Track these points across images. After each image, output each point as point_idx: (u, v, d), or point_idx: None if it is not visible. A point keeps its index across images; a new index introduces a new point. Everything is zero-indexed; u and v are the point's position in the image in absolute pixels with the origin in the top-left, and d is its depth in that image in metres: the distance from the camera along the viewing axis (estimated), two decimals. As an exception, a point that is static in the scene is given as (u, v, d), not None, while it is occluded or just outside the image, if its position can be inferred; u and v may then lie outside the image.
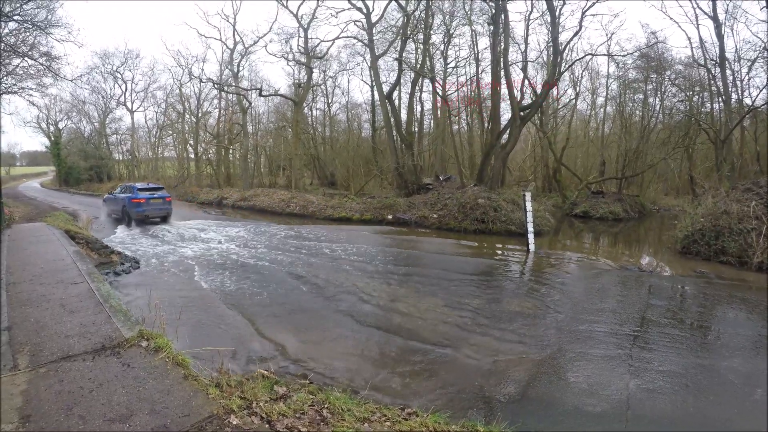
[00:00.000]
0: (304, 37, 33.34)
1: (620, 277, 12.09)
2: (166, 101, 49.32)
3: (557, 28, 23.11)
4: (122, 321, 5.73)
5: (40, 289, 7.06)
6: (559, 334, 7.77)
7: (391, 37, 29.94)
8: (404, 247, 16.16)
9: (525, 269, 13.30)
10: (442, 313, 8.82)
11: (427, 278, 11.58)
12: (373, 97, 35.41)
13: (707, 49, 25.68)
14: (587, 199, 26.47)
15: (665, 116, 30.21)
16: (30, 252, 10.28)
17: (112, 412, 3.71)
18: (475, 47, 31.35)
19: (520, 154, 37.83)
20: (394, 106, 28.71)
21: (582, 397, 5.66)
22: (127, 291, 9.80)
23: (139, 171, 54.38)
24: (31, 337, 5.21)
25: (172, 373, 4.43)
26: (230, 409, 3.90)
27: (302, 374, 6.03)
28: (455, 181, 27.47)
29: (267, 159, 45.30)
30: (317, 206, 25.91)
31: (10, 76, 24.81)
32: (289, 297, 9.77)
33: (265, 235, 18.32)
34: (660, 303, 9.69)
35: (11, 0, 19.70)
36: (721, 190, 16.47)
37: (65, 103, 52.38)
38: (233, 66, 38.36)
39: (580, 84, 34.36)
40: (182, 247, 15.27)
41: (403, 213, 22.19)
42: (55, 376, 4.30)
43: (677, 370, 6.38)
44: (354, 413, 4.25)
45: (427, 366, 6.48)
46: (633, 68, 29.49)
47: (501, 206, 19.89)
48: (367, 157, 37.10)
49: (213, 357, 5.47)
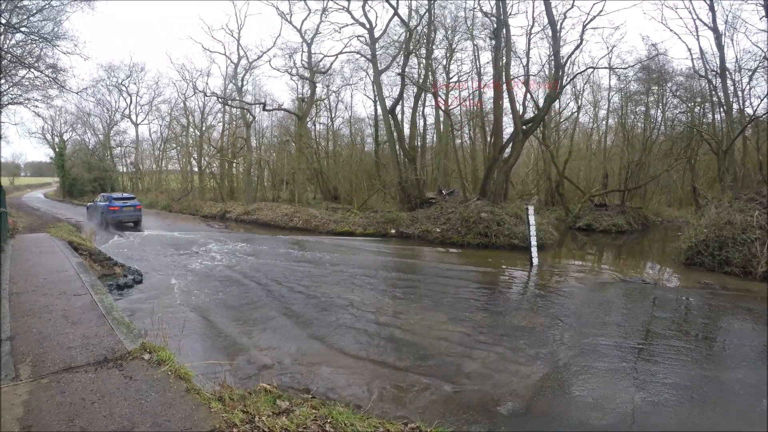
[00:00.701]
0: (307, 52, 33.61)
1: (624, 290, 12.03)
2: (171, 114, 49.72)
3: (558, 41, 23.20)
4: (125, 333, 5.72)
5: (42, 300, 7.06)
6: (563, 347, 7.73)
7: (393, 52, 30.18)
8: (406, 261, 16.15)
9: (528, 283, 13.25)
10: (444, 328, 8.78)
11: (429, 292, 11.56)
12: (376, 111, 35.62)
13: (708, 60, 25.75)
14: (590, 212, 26.40)
15: (667, 128, 30.25)
16: (33, 262, 10.29)
17: (114, 425, 3.69)
18: (478, 61, 31.57)
19: (523, 167, 37.87)
20: (396, 120, 28.81)
21: (587, 410, 5.61)
22: (129, 303, 9.81)
23: (143, 183, 54.60)
24: (33, 347, 5.19)
25: (175, 386, 4.41)
26: (232, 423, 3.88)
27: (305, 388, 6.01)
28: (458, 195, 27.48)
29: (270, 173, 45.38)
30: (320, 220, 25.89)
31: (16, 87, 25.02)
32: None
33: (267, 247, 18.32)
34: (665, 315, 9.64)
35: (18, 12, 19.93)
36: (724, 201, 16.46)
37: (70, 115, 52.96)
38: (237, 80, 38.59)
39: (582, 97, 34.51)
40: (186, 260, 15.28)
41: (406, 227, 22.18)
42: (56, 387, 4.28)
43: (682, 383, 6.33)
44: (357, 428, 4.21)
45: (429, 380, 6.44)
46: (634, 80, 29.59)
47: (504, 220, 19.85)
48: (370, 171, 37.14)
49: (216, 370, 5.46)
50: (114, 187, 55.44)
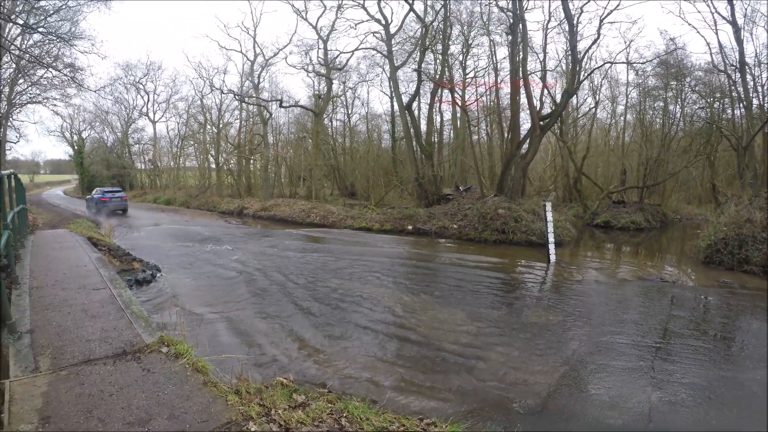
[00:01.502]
0: (323, 49, 33.60)
1: (642, 288, 11.92)
2: (188, 112, 49.98)
3: (575, 36, 22.96)
4: (143, 327, 5.77)
5: (62, 294, 7.14)
6: (580, 345, 7.68)
7: (409, 47, 30.01)
8: (423, 258, 16.13)
9: (546, 280, 13.17)
10: (461, 324, 8.77)
11: (447, 289, 11.55)
12: (393, 107, 35.45)
13: (727, 55, 25.23)
14: (608, 208, 26.08)
15: (686, 124, 29.77)
16: (53, 258, 10.42)
17: (132, 416, 3.73)
18: (494, 57, 31.27)
19: (540, 163, 37.51)
20: (413, 116, 28.71)
21: (603, 409, 5.57)
22: (148, 298, 9.93)
23: (161, 180, 55.05)
24: (52, 340, 5.26)
25: (192, 379, 4.45)
26: (249, 415, 3.90)
27: (321, 383, 6.04)
28: (475, 191, 27.34)
29: (287, 169, 45.48)
30: (337, 216, 25.95)
31: (35, 86, 25.41)
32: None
33: (283, 242, 18.42)
34: (683, 314, 9.54)
35: (36, 13, 20.18)
36: (744, 198, 16.19)
37: (88, 113, 53.43)
38: (254, 77, 38.71)
39: (599, 92, 34.09)
40: (204, 255, 15.43)
41: (423, 224, 22.13)
42: (75, 379, 4.33)
43: (700, 383, 6.26)
44: (373, 422, 4.22)
45: (445, 376, 6.44)
46: (652, 75, 29.17)
47: (521, 217, 19.73)
48: (387, 167, 37.08)
49: (233, 364, 5.50)
50: (132, 183, 56.07)
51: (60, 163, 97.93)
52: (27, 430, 3.48)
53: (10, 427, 3.50)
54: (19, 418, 3.64)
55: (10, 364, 4.65)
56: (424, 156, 27.85)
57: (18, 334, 5.34)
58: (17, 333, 5.35)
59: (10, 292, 6.92)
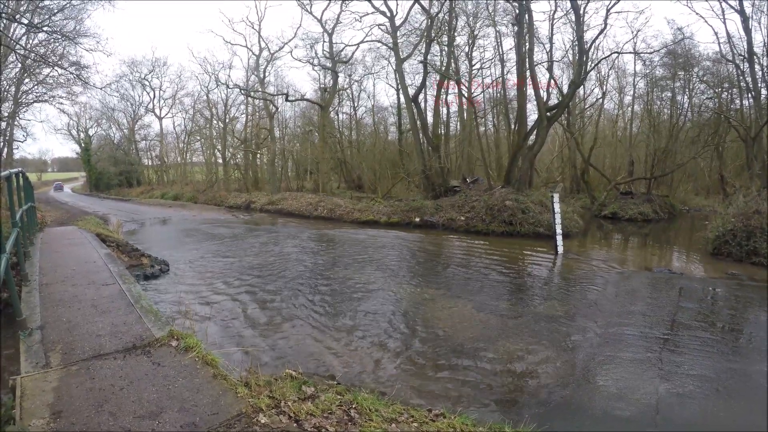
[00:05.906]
0: (328, 42, 33.57)
1: (650, 279, 11.89)
2: (194, 107, 50.15)
3: (582, 26, 22.85)
4: (153, 321, 5.80)
5: (72, 290, 7.18)
6: (588, 336, 7.68)
7: (415, 39, 29.90)
8: (431, 249, 16.14)
9: (553, 272, 13.16)
10: (469, 315, 8.78)
11: (454, 280, 11.57)
12: (399, 100, 35.42)
13: (735, 44, 25.13)
14: (616, 199, 25.97)
15: (694, 114, 29.62)
16: (62, 254, 10.46)
17: (142, 410, 3.76)
18: (500, 48, 31.21)
19: (548, 155, 37.37)
20: (420, 108, 28.64)
21: (611, 400, 5.57)
22: (157, 292, 10.01)
23: (168, 176, 55.26)
24: (63, 335, 5.29)
25: (202, 372, 4.47)
26: (258, 407, 3.92)
27: (330, 375, 6.08)
28: (482, 183, 27.24)
29: (294, 163, 45.53)
30: (344, 209, 25.97)
31: (40, 85, 25.51)
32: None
33: (290, 234, 18.46)
34: (691, 305, 9.50)
35: (40, 12, 20.22)
36: (753, 189, 16.12)
37: (95, 111, 53.75)
38: (259, 72, 38.71)
39: (606, 83, 33.93)
40: (214, 249, 15.50)
41: (431, 216, 22.09)
42: (86, 374, 4.36)
43: (708, 374, 6.24)
44: (381, 414, 4.24)
45: (453, 368, 6.46)
46: (660, 66, 29.05)
47: (529, 208, 19.69)
48: (393, 160, 37.02)
49: (242, 357, 5.54)
50: (140, 180, 56.26)
51: (67, 161, 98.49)
52: (39, 425, 3.51)
53: (23, 422, 3.54)
54: (30, 413, 3.67)
55: (21, 360, 4.69)
56: (430, 148, 27.75)
57: (29, 330, 5.37)
58: (28, 329, 5.38)
59: (20, 289, 6.98)
